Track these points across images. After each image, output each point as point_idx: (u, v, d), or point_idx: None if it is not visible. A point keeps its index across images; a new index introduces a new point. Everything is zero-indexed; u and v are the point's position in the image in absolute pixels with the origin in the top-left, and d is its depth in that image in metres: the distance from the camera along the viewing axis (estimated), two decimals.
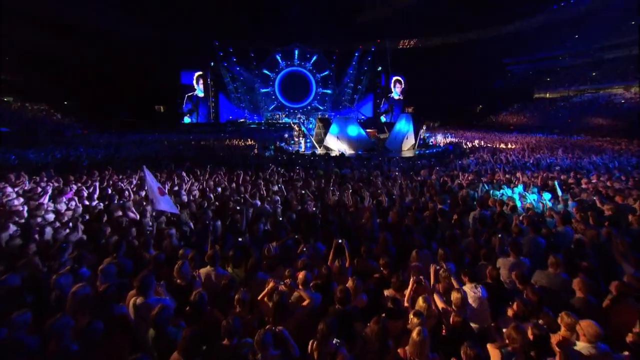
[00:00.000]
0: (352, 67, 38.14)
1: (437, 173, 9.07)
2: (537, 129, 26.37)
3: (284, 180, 8.46)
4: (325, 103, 39.40)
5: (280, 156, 12.74)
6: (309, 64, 38.14)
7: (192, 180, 7.87)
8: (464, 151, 14.53)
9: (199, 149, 14.05)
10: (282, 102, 38.80)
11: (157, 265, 3.61)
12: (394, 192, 7.21)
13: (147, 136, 19.36)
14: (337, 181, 8.08)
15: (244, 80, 36.62)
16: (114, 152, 12.81)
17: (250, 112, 37.31)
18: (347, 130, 13.97)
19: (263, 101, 37.91)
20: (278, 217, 5.55)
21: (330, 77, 38.71)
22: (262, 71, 37.21)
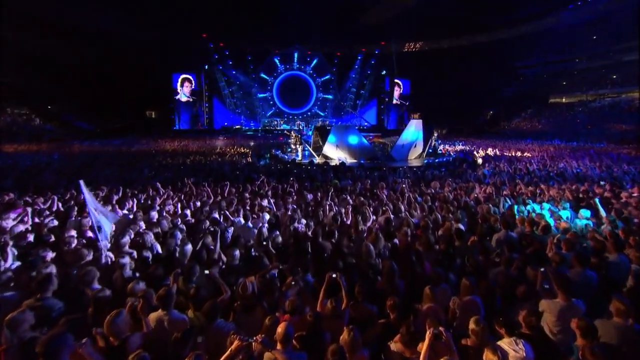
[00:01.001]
0: (354, 71, 38.07)
1: (449, 185, 8.41)
2: (553, 135, 25.78)
3: (275, 193, 7.83)
4: (326, 109, 39.21)
5: (275, 165, 12.13)
6: (309, 67, 38.09)
7: (170, 192, 7.23)
8: (475, 160, 13.94)
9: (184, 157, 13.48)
10: (281, 107, 38.64)
11: (97, 306, 2.94)
12: (401, 207, 6.54)
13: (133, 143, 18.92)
14: (336, 194, 7.42)
15: (240, 84, 36.53)
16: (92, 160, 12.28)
17: (247, 118, 37.09)
18: (347, 139, 13.63)
19: (260, 107, 37.74)
20: (262, 240, 4.88)
21: (331, 82, 38.60)
22: (260, 75, 37.15)
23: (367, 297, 3.14)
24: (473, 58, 35.09)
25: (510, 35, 31.86)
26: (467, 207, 6.56)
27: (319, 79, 38.47)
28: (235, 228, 5.42)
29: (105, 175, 8.87)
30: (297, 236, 5.08)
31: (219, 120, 36.75)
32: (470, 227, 5.57)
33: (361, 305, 3.11)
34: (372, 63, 37.72)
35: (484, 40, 33.29)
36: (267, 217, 5.85)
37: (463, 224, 5.60)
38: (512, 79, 37.37)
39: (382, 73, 38.08)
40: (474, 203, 6.81)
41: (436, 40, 36.13)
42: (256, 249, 4.70)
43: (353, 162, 12.73)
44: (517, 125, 33.50)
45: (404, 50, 37.95)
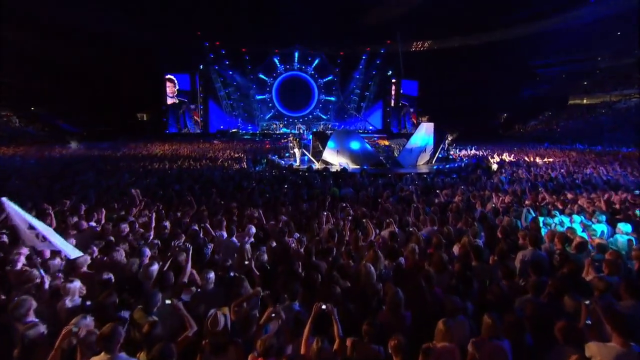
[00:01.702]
0: (358, 71, 37.93)
1: (462, 193, 7.95)
2: (574, 139, 25.25)
3: (267, 202, 7.42)
4: (329, 112, 39.05)
5: (270, 172, 11.78)
6: (310, 68, 38.03)
7: (148, 201, 6.82)
8: (490, 166, 13.51)
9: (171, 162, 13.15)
10: (280, 110, 38.54)
11: (26, 346, 2.50)
12: (407, 219, 6.07)
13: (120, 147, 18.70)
14: (335, 204, 6.99)
15: (238, 85, 36.47)
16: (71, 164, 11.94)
17: (244, 121, 36.97)
18: (348, 145, 13.39)
19: (258, 109, 37.62)
20: (245, 258, 4.42)
21: (334, 83, 38.46)
22: (258, 76, 37.09)
23: (376, 337, 2.67)
24: (485, 57, 34.81)
25: (526, 33, 31.54)
26: (485, 219, 6.08)
27: (320, 80, 38.38)
28: (216, 243, 4.98)
29: (81, 182, 8.50)
30: (286, 254, 4.62)
31: (214, 123, 36.63)
32: (489, 243, 5.10)
33: (367, 346, 2.64)
34: (377, 63, 37.60)
35: (497, 39, 33.02)
36: (254, 230, 5.41)
37: (480, 239, 5.12)
38: (527, 80, 36.95)
39: (388, 74, 37.93)
40: (492, 214, 6.33)
41: (445, 39, 35.92)
42: (236, 270, 4.24)
43: (355, 168, 12.39)
44: (533, 129, 33.04)
45: (411, 50, 37.75)
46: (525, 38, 32.09)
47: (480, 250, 4.30)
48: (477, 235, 5.17)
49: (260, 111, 37.82)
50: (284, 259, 4.45)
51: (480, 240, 5.12)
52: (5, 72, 23.50)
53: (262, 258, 4.27)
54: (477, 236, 5.15)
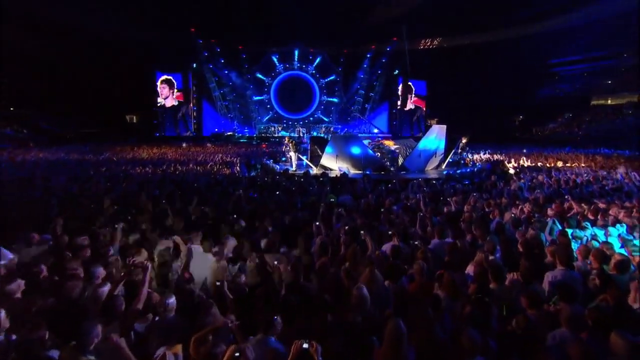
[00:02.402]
0: (363, 70, 37.75)
1: (475, 201, 7.48)
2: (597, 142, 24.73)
3: (253, 211, 6.97)
4: (331, 114, 38.84)
5: (262, 178, 11.46)
6: (311, 67, 37.93)
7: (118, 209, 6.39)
8: (506, 171, 13.06)
9: None
10: (279, 112, 38.39)
11: None
12: (414, 231, 5.60)
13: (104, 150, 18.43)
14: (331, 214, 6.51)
15: (233, 85, 36.37)
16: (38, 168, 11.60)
17: (240, 124, 36.78)
18: (348, 150, 13.17)
19: (256, 111, 37.50)
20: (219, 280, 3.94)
21: (336, 83, 38.32)
22: (255, 75, 37.01)
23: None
24: (499, 56, 34.45)
25: (544, 29, 31.21)
26: (502, 231, 5.58)
27: (322, 80, 38.23)
28: (187, 259, 4.50)
29: (48, 188, 8.10)
30: (266, 273, 4.14)
31: (208, 126, 36.42)
32: (507, 259, 4.62)
33: None
34: (382, 62, 37.38)
35: (512, 35, 32.71)
36: (234, 243, 4.95)
37: (496, 255, 4.65)
38: (545, 79, 36.56)
39: (394, 73, 37.69)
40: (511, 226, 5.83)
41: (456, 36, 35.67)
42: (206, 293, 3.77)
43: (357, 174, 12.08)
44: (552, 132, 32.56)
45: (419, 48, 37.54)
46: (542, 34, 31.75)
47: (500, 270, 3.81)
48: (493, 250, 4.68)
49: (258, 113, 37.68)
50: (264, 280, 3.98)
51: (497, 255, 4.66)
52: None
53: (239, 279, 3.79)
54: (494, 251, 4.68)
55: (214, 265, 4.15)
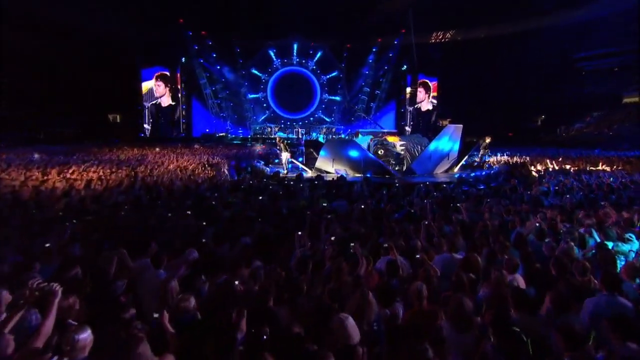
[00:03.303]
0: (368, 66, 37.39)
1: (490, 208, 7.03)
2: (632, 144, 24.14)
3: (232, 219, 6.50)
4: (333, 113, 38.45)
5: (246, 181, 11.09)
6: (311, 62, 37.61)
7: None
8: (528, 174, 12.56)
9: None
10: (276, 111, 38.04)
11: None
12: (417, 244, 5.06)
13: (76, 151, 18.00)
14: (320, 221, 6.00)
15: (226, 82, 36.02)
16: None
17: (234, 124, 36.38)
18: (345, 153, 13.02)
19: (251, 110, 37.18)
20: (166, 304, 3.37)
21: (339, 80, 38.01)
22: (250, 71, 36.70)
23: None
24: (518, 50, 33.91)
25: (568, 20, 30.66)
26: (523, 243, 5.01)
27: (323, 77, 37.88)
28: (130, 278, 3.94)
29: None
30: (227, 296, 3.57)
31: (198, 126, 36.03)
32: (531, 279, 4.14)
33: None
34: (389, 57, 36.92)
35: (534, 27, 32.15)
36: (195, 256, 4.43)
37: (521, 275, 4.14)
38: (570, 75, 35.94)
39: (402, 69, 37.18)
40: (536, 237, 5.28)
41: (471, 29, 35.20)
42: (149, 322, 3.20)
43: (356, 177, 11.84)
44: (579, 132, 31.97)
45: (430, 42, 37.18)
46: (568, 26, 31.15)
47: (524, 295, 3.22)
48: (515, 268, 4.14)
49: (253, 112, 37.32)
50: (221, 306, 3.40)
51: (519, 273, 4.16)
52: None
53: (186, 304, 3.21)
54: (516, 269, 4.14)
55: (162, 287, 3.57)
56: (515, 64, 34.46)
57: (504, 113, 35.88)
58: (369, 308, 3.18)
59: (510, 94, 35.63)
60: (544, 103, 36.18)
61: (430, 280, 3.90)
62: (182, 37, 32.43)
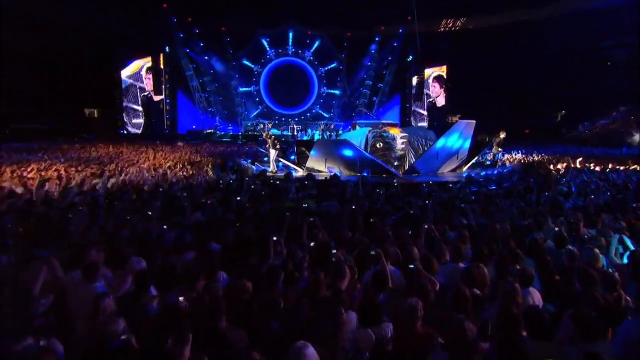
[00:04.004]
0: (370, 57, 37.26)
1: (503, 210, 6.87)
2: None
3: (199, 224, 6.14)
4: (332, 108, 38.32)
5: (227, 180, 10.87)
6: (308, 52, 37.42)
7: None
8: (546, 173, 12.35)
9: None
10: (270, 106, 37.97)
11: None
12: (414, 251, 4.68)
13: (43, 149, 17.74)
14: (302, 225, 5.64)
15: (215, 74, 35.90)
16: None
17: (224, 120, 36.41)
18: (339, 153, 12.98)
19: (242, 105, 37.07)
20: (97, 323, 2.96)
21: (338, 72, 37.84)
22: (242, 62, 36.53)
23: None
24: (536, 38, 33.56)
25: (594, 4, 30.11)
26: (539, 251, 4.66)
27: (322, 68, 37.72)
28: (59, 293, 3.52)
29: None
30: (171, 316, 3.16)
31: (184, 122, 35.90)
32: (549, 294, 3.90)
33: None
34: (394, 46, 36.75)
35: (553, 13, 31.76)
36: (143, 266, 4.04)
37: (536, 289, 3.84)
38: (594, 66, 35.55)
39: (407, 60, 37.03)
40: (554, 244, 4.98)
41: (483, 16, 34.68)
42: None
43: (352, 176, 11.66)
44: (604, 129, 31.55)
45: (439, 30, 36.84)
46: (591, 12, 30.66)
47: (539, 315, 2.82)
48: (529, 280, 3.80)
49: (245, 107, 37.22)
50: (165, 326, 2.98)
51: (535, 287, 3.86)
52: None
53: (112, 326, 2.79)
54: (530, 281, 3.81)
55: (93, 304, 3.15)
56: (533, 54, 34.13)
57: (520, 108, 35.42)
58: (340, 330, 2.77)
59: (527, 86, 35.22)
60: (564, 97, 35.76)
61: (427, 296, 3.49)
62: (165, 24, 32.23)
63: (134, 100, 33.53)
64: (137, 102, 33.62)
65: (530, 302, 3.46)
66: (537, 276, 4.10)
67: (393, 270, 4.17)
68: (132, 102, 33.55)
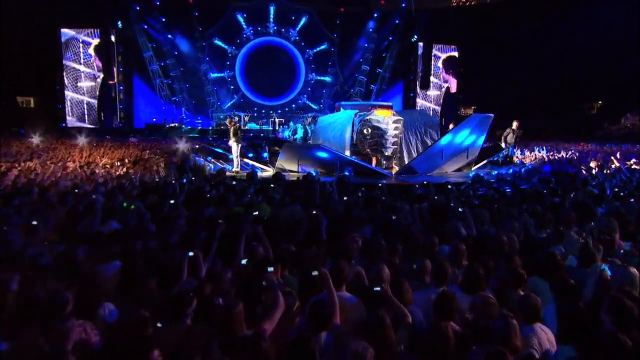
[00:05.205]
0: (366, 37, 37.33)
1: (516, 222, 6.36)
2: None
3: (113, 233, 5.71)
4: (322, 99, 38.26)
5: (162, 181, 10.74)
6: (293, 31, 37.28)
7: None
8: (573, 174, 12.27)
9: None
10: (247, 95, 37.90)
11: None
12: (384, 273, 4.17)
13: None
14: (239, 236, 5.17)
15: (180, 56, 35.61)
16: None
17: (191, 112, 36.17)
18: (312, 155, 13.41)
19: (213, 94, 36.84)
20: None
21: (330, 55, 37.77)
22: (213, 42, 36.21)
23: None
24: (566, 13, 33.76)
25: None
26: (555, 270, 4.27)
27: (309, 51, 37.54)
28: None
29: None
30: None
31: (142, 114, 35.49)
32: (568, 330, 3.39)
33: None
34: (395, 24, 36.71)
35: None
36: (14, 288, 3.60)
37: (552, 327, 3.47)
38: (637, 50, 36.02)
39: (412, 40, 36.98)
40: (579, 262, 4.68)
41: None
42: None
43: (329, 177, 11.63)
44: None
45: (451, 4, 36.79)
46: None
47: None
48: (534, 314, 3.42)
49: (216, 97, 37.01)
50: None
51: (548, 321, 3.54)
52: None
53: None
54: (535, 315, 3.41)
55: None
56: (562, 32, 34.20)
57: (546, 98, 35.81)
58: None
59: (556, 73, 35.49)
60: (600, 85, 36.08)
61: (385, 338, 2.91)
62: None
63: (78, 88, 33.01)
64: (82, 90, 33.12)
65: (536, 346, 3.10)
66: (554, 306, 3.71)
67: (348, 299, 3.68)
68: (77, 90, 33.04)
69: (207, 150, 17.41)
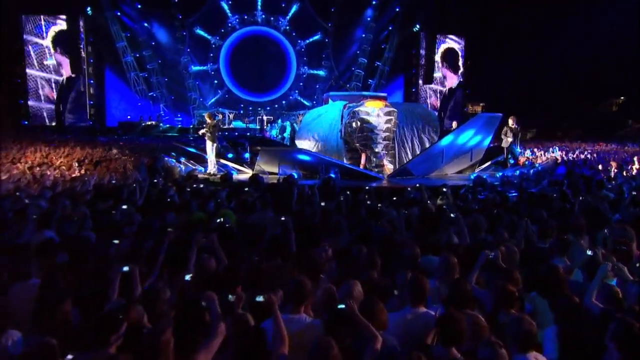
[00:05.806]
0: (364, 27, 37.52)
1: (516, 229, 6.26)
2: None
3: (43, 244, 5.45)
4: (315, 94, 38.17)
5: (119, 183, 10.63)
6: (284, 20, 37.45)
7: None
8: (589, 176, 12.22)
9: None
10: (233, 91, 38.08)
11: None
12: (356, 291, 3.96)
13: None
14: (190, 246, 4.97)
15: (158, 47, 35.61)
16: None
17: (170, 109, 36.20)
18: (293, 158, 13.50)
19: (195, 89, 36.90)
20: None
21: (324, 46, 38.00)
22: (194, 32, 36.26)
23: None
24: (585, 6, 34.24)
25: None
26: (558, 286, 4.08)
27: (301, 42, 37.75)
28: None
29: None
30: None
31: (116, 111, 35.54)
32: None
33: None
34: (395, 13, 36.77)
35: None
36: None
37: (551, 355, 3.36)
38: None
39: (414, 29, 37.20)
40: (586, 276, 4.47)
41: None
42: None
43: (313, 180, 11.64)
44: None
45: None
46: None
47: None
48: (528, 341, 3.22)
49: (199, 93, 37.07)
50: None
51: (548, 353, 3.38)
52: None
53: None
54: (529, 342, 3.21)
55: None
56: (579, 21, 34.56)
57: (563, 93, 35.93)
58: None
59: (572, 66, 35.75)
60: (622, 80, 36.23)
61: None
62: None
63: (42, 81, 32.92)
64: (49, 83, 33.04)
65: None
66: (554, 329, 3.52)
67: (308, 323, 3.49)
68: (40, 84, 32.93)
69: (180, 150, 17.41)
